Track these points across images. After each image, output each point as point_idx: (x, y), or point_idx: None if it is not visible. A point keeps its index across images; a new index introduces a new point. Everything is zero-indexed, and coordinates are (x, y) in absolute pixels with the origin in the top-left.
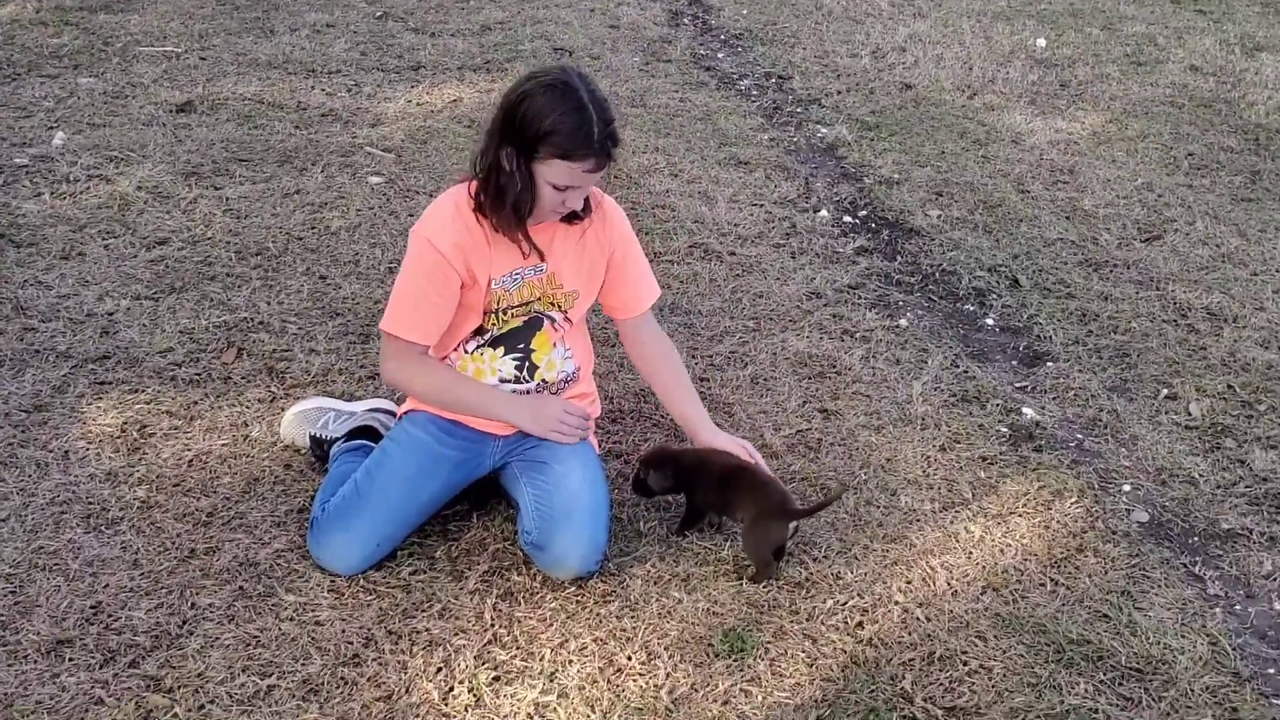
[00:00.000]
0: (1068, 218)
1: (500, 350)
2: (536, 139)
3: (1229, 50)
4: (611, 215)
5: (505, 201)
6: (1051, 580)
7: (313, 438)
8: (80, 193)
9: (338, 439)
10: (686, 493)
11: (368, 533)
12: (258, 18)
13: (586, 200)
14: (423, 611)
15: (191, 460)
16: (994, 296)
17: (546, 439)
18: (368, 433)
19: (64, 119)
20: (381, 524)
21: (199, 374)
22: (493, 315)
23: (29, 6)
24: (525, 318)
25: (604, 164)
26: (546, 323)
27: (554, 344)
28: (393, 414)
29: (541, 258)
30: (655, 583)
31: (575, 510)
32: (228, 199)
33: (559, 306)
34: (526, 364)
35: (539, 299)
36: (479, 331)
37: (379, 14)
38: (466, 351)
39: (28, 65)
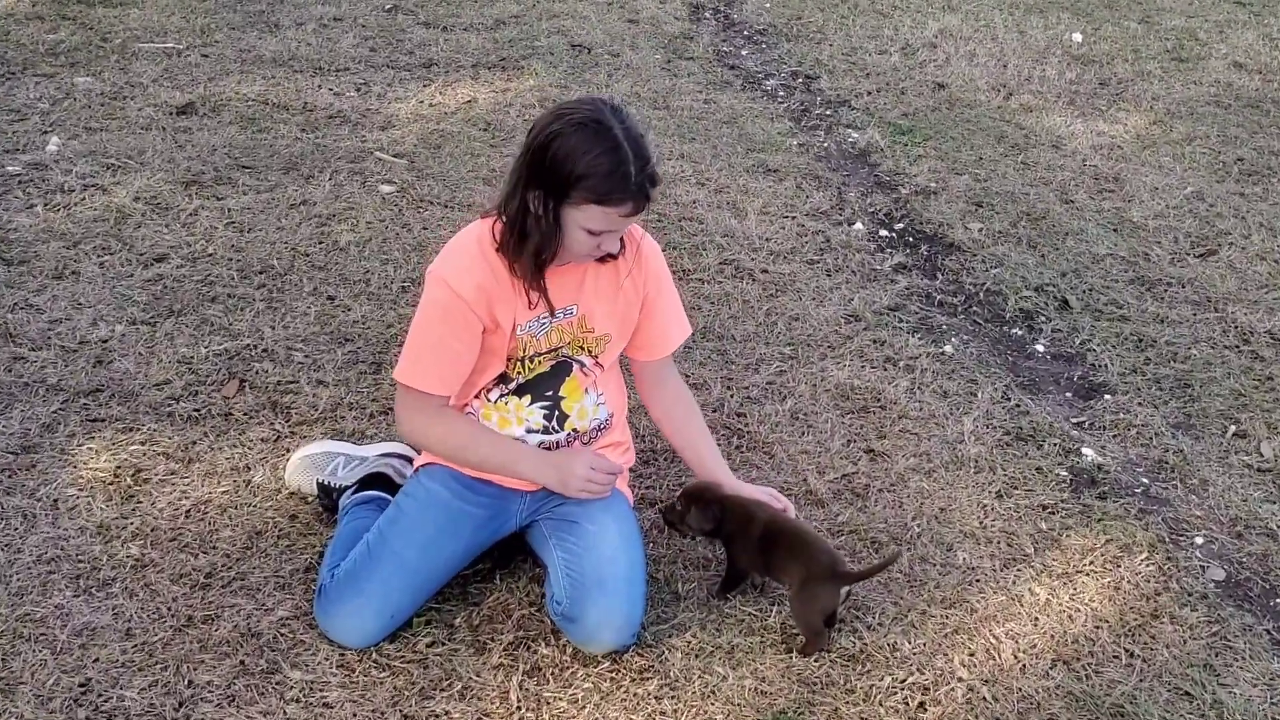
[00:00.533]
0: (1115, 230)
1: (527, 399)
2: (569, 182)
3: (1273, 45)
4: (647, 254)
5: (526, 247)
6: (1126, 652)
7: (320, 485)
8: (75, 204)
9: (348, 488)
10: (726, 544)
11: (380, 602)
12: (262, 11)
13: (621, 239)
14: (441, 691)
15: (189, 510)
16: (1043, 319)
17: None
18: (380, 480)
19: (59, 122)
20: (395, 592)
21: (198, 409)
22: (518, 362)
23: (24, 0)
24: (553, 362)
25: (642, 207)
26: (576, 368)
27: (585, 390)
28: (408, 460)
29: (551, 311)
30: (697, 656)
31: (609, 579)
32: (230, 210)
33: (589, 351)
34: (556, 413)
35: (568, 344)
36: (502, 379)
37: (388, 7)
38: (490, 400)
39: (23, 63)
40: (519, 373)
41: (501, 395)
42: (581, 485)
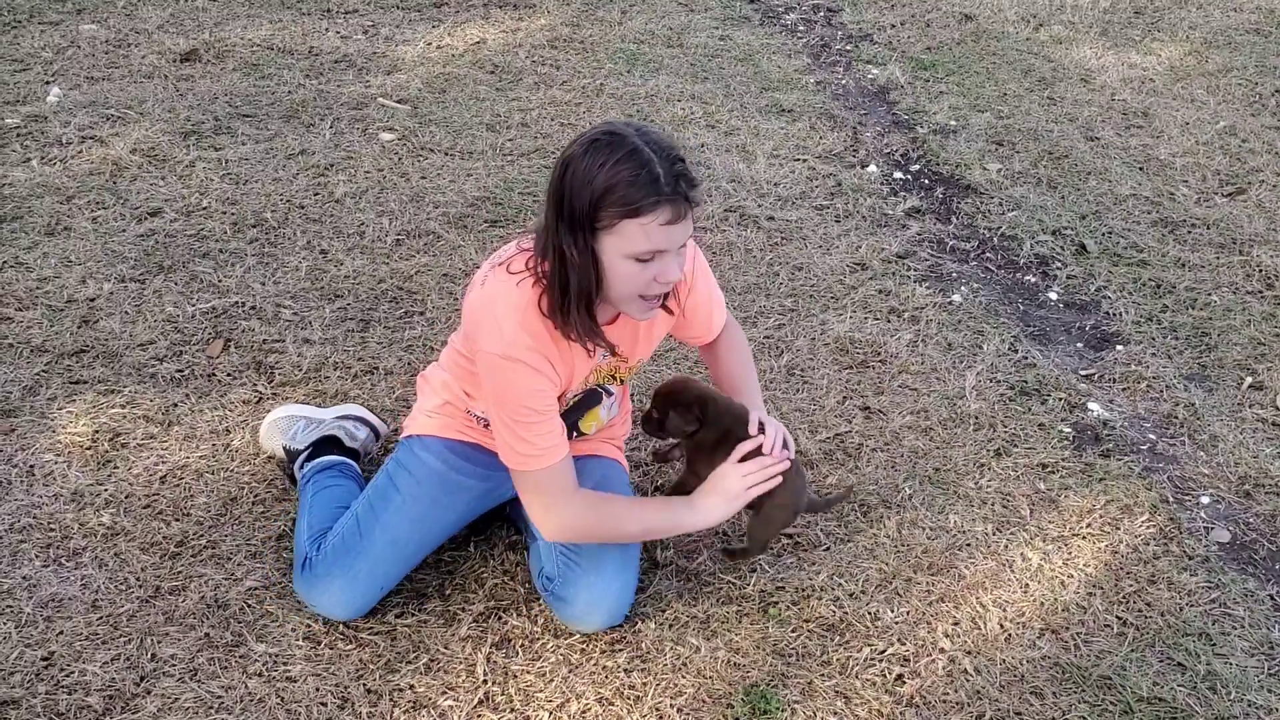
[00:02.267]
0: (1141, 169)
1: None
2: (594, 205)
3: None
4: (692, 275)
5: (574, 295)
6: (1119, 620)
7: (285, 449)
8: (71, 158)
9: (302, 452)
10: (692, 451)
11: (369, 579)
12: None
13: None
14: (407, 664)
15: (165, 476)
16: (1058, 265)
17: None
18: (333, 443)
19: (61, 72)
20: (386, 564)
21: (181, 370)
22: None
23: None
24: (581, 394)
25: (684, 211)
26: (603, 395)
27: (603, 410)
28: (364, 421)
29: (614, 351)
30: (670, 626)
31: (604, 559)
32: (227, 161)
33: (620, 379)
34: (574, 434)
35: (602, 379)
36: None
37: None
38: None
39: (30, 11)
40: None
41: None
42: (748, 492)
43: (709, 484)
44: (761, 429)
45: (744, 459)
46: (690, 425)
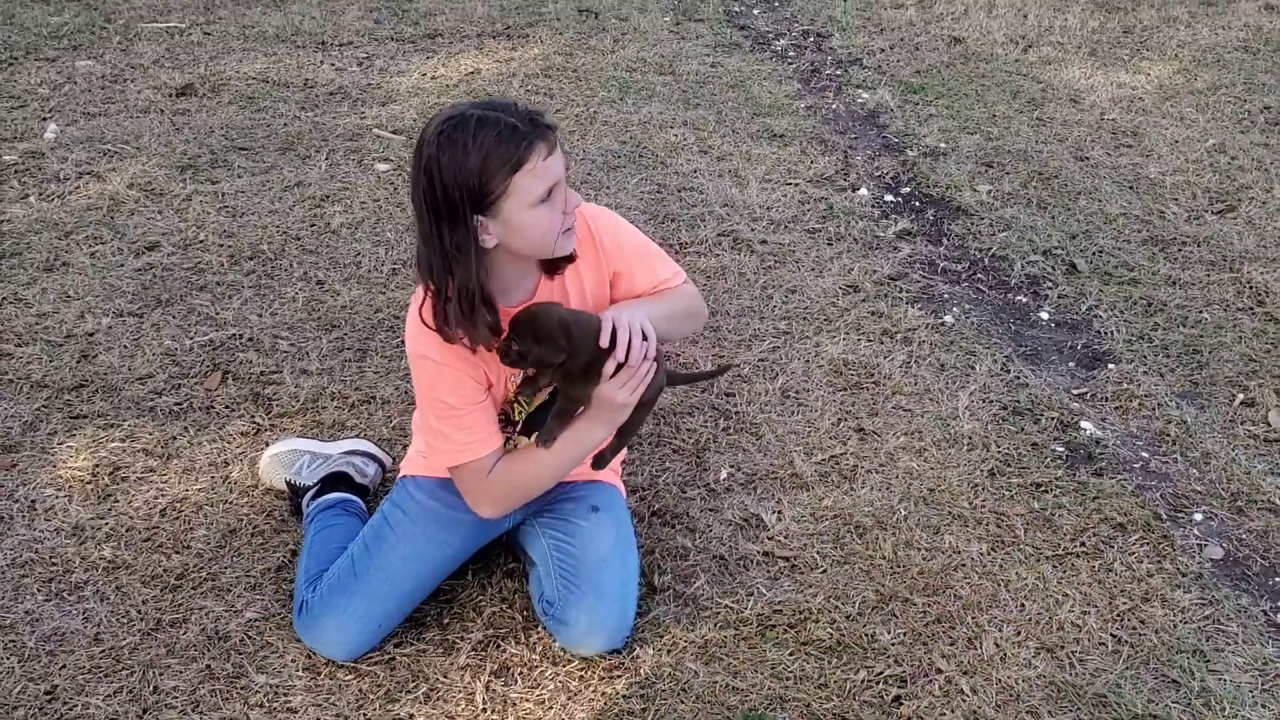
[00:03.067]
0: (1131, 188)
1: (535, 437)
2: (481, 181)
3: None
4: (601, 233)
5: (459, 295)
6: (1113, 638)
7: (289, 484)
8: (69, 193)
9: (310, 488)
10: (563, 380)
11: (364, 619)
12: None
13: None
14: (407, 694)
15: (165, 509)
16: (1049, 285)
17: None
18: (342, 479)
19: (58, 108)
20: (382, 604)
21: (179, 403)
22: (513, 403)
23: None
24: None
25: (553, 140)
26: None
27: None
28: (371, 456)
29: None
30: (669, 652)
31: (604, 582)
32: (224, 194)
33: None
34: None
35: None
36: (505, 420)
37: None
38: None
39: (26, 47)
40: (520, 411)
41: (508, 438)
42: (633, 398)
43: (595, 407)
44: (615, 337)
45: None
46: (557, 356)
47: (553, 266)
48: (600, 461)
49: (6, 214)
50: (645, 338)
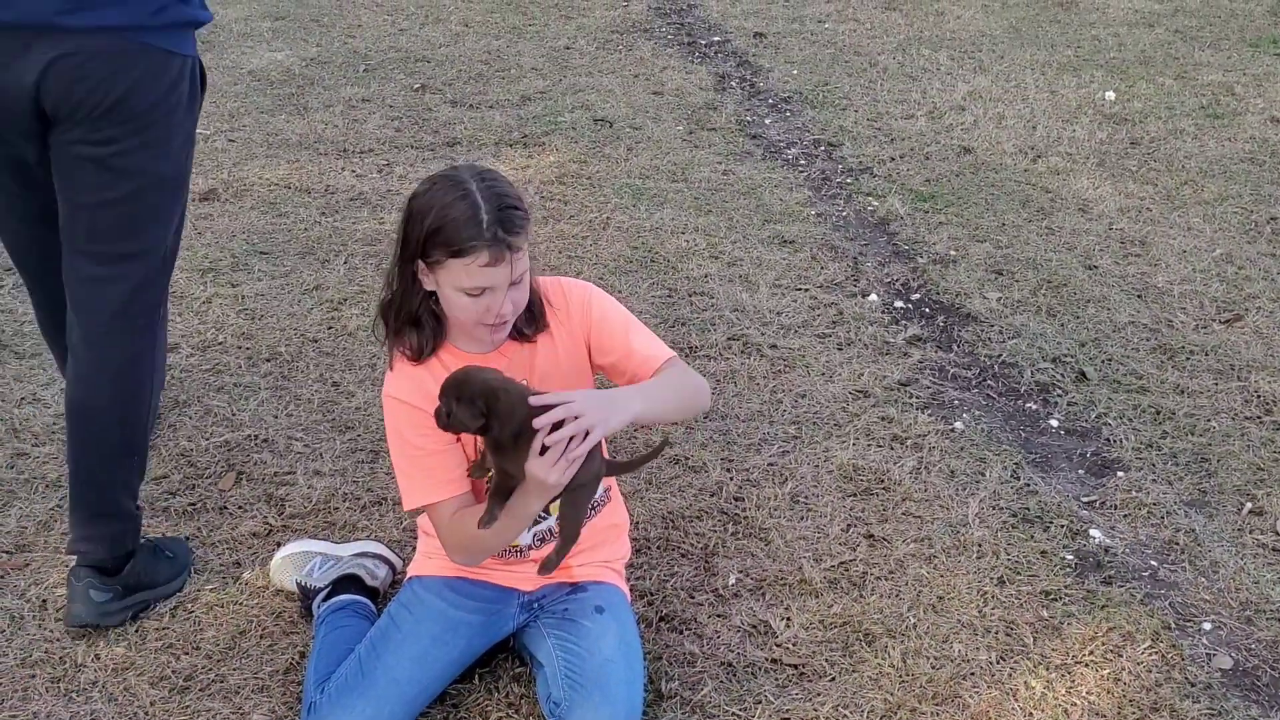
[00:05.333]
0: (1139, 296)
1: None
2: (425, 241)
3: None
4: (571, 300)
5: (406, 318)
6: None
7: (299, 586)
8: None
9: (321, 590)
10: (492, 448)
11: (371, 718)
12: (292, 94)
13: (531, 307)
14: None
15: (175, 609)
16: (1058, 393)
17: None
18: (353, 581)
19: None
20: (390, 705)
21: (194, 504)
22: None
23: None
24: None
25: (501, 255)
26: None
27: None
28: (382, 559)
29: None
30: None
31: (610, 681)
32: (244, 297)
33: None
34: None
35: None
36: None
37: (416, 86)
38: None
39: None
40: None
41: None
42: (565, 477)
43: (528, 485)
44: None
45: (543, 450)
46: (474, 420)
47: (518, 331)
48: (546, 566)
49: (29, 316)
50: (578, 417)
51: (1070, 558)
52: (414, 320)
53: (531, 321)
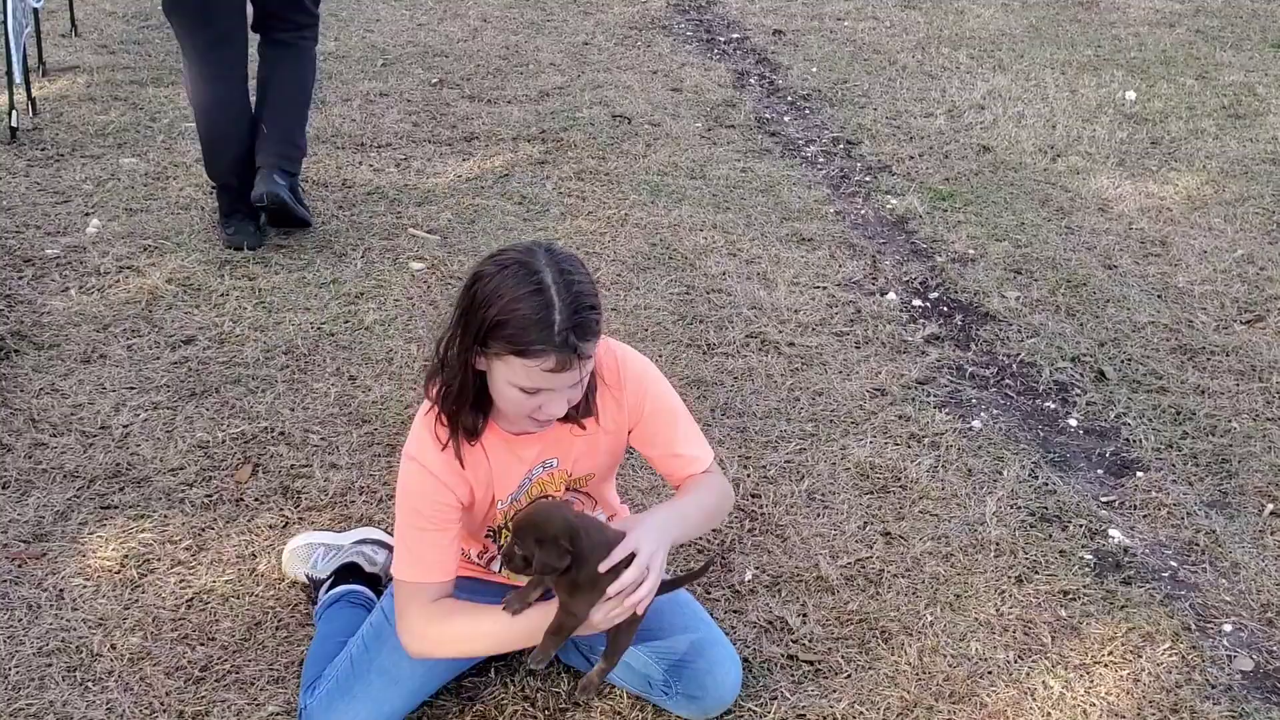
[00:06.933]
0: (1159, 296)
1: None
2: (488, 329)
3: None
4: (627, 382)
5: (460, 405)
6: None
7: (309, 578)
8: (109, 286)
9: (324, 581)
10: (567, 588)
11: (367, 717)
12: None
13: (588, 397)
14: None
15: (191, 600)
16: (1077, 392)
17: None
18: (353, 570)
19: (101, 204)
20: (388, 702)
21: (210, 495)
22: (499, 531)
23: (79, 81)
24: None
25: (569, 362)
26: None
27: None
28: (382, 544)
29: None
30: None
31: (708, 645)
32: (261, 290)
33: (574, 489)
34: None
35: (550, 493)
36: (493, 538)
37: (434, 81)
38: (478, 563)
39: (72, 145)
40: (503, 539)
41: (491, 559)
42: (604, 626)
43: (565, 621)
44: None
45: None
46: (561, 562)
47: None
48: (587, 688)
49: (47, 306)
50: (650, 572)
51: (1089, 557)
52: (473, 400)
53: (581, 407)
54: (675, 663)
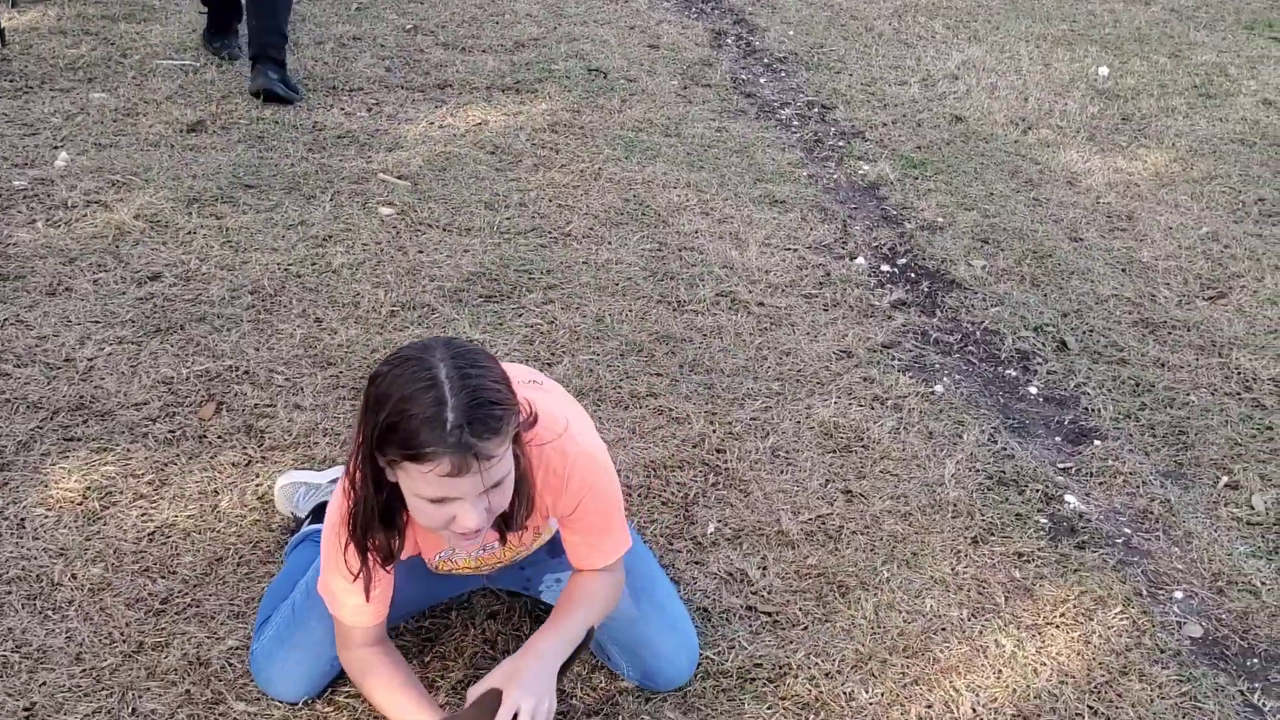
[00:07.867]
0: (1124, 270)
1: None
2: (380, 436)
3: None
4: (569, 489)
5: (369, 527)
6: (1090, 710)
7: (292, 515)
8: (76, 220)
9: (304, 520)
10: None
11: (309, 666)
12: None
13: (512, 510)
14: None
15: (153, 534)
16: (1039, 361)
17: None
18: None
19: (70, 138)
20: (328, 649)
21: (173, 431)
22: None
23: (50, 14)
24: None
25: (465, 465)
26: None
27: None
28: None
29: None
30: (648, 701)
31: (661, 597)
32: (228, 229)
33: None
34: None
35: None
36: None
37: (409, 27)
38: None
39: (41, 78)
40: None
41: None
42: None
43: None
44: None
45: None
46: None
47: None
48: None
49: (14, 238)
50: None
51: (1044, 521)
52: (381, 518)
53: (513, 517)
54: (626, 647)
